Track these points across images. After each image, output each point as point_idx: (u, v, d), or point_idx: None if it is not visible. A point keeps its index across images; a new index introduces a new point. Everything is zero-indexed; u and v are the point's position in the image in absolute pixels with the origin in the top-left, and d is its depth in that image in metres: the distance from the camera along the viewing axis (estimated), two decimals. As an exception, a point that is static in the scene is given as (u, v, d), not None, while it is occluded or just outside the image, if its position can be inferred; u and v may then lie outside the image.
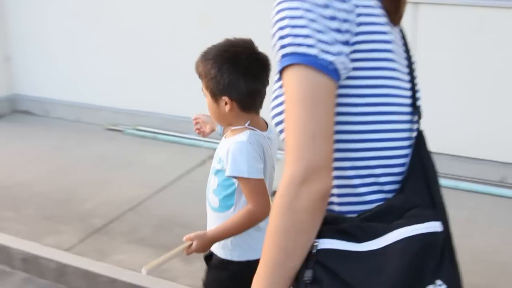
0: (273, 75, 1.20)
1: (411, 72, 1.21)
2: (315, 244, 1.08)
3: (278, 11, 1.09)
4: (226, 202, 1.96)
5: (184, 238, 1.94)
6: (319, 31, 1.06)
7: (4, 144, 4.89)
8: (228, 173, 1.88)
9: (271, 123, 1.22)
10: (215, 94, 1.87)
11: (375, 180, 1.16)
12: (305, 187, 1.04)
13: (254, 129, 1.93)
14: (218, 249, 2.02)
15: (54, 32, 5.23)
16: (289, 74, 1.07)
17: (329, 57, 1.05)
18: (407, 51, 1.23)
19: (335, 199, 1.17)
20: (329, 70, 1.06)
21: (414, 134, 1.19)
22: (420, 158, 1.17)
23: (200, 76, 1.90)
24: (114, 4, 4.92)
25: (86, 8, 5.02)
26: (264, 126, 1.99)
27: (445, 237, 1.10)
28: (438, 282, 1.06)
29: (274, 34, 1.10)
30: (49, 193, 3.93)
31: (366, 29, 1.11)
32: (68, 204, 3.78)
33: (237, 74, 1.83)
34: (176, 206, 3.72)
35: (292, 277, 1.10)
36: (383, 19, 1.15)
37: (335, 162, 1.12)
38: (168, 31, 4.72)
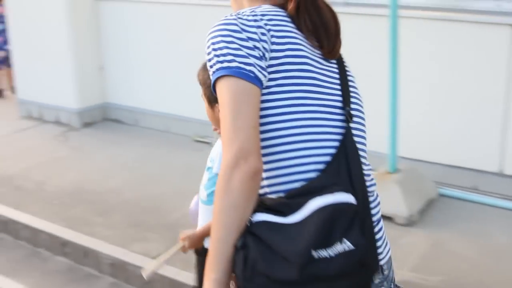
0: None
1: (342, 83, 1.50)
2: (250, 218, 1.32)
3: (207, 47, 1.40)
4: (213, 196, 1.97)
5: (179, 239, 2.18)
6: (236, 49, 1.36)
7: (95, 151, 5.06)
8: (215, 170, 2.09)
9: None
10: (211, 101, 2.05)
11: (300, 163, 1.39)
12: (236, 170, 1.29)
13: None
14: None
15: (145, 43, 5.38)
16: (219, 85, 1.36)
17: (248, 67, 1.34)
18: (341, 68, 1.52)
19: (265, 182, 1.40)
20: (250, 77, 1.34)
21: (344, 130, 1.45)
22: (344, 148, 1.42)
23: (200, 83, 2.10)
24: (205, 16, 5.00)
25: (177, 21, 5.14)
26: None
27: (358, 210, 1.32)
28: (345, 240, 1.26)
29: (207, 64, 1.41)
30: (138, 201, 4.02)
31: (280, 47, 1.40)
32: (156, 212, 3.85)
33: None
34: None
35: (233, 243, 1.31)
36: (300, 44, 1.44)
37: (263, 151, 1.38)
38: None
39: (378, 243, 1.46)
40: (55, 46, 5.55)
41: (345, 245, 1.28)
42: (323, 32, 1.49)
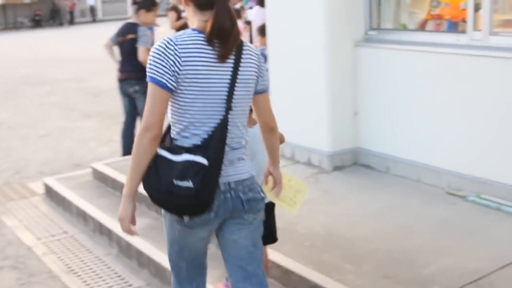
0: None
1: (231, 86, 2.65)
2: (156, 152, 2.62)
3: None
4: None
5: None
6: (157, 67, 2.58)
7: (345, 196, 5.24)
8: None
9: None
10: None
11: (189, 135, 2.65)
12: (144, 134, 2.58)
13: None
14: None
15: (401, 90, 5.46)
16: (149, 84, 2.60)
17: (160, 79, 2.57)
18: (234, 72, 2.66)
19: (177, 137, 2.68)
20: (163, 86, 2.57)
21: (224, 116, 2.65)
22: (217, 131, 2.62)
23: None
24: (467, 67, 4.96)
25: (435, 70, 5.16)
26: (254, 122, 3.15)
27: (206, 168, 2.55)
28: (190, 180, 2.52)
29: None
30: (389, 252, 4.08)
31: (188, 69, 2.58)
32: (408, 265, 3.88)
33: None
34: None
35: (142, 174, 2.62)
36: (204, 59, 2.61)
37: (174, 124, 2.68)
38: None
39: (224, 174, 2.66)
40: (312, 89, 5.88)
41: (188, 183, 2.54)
42: (223, 46, 2.62)
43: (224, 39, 2.61)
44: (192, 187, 2.53)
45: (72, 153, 8.05)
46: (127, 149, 6.97)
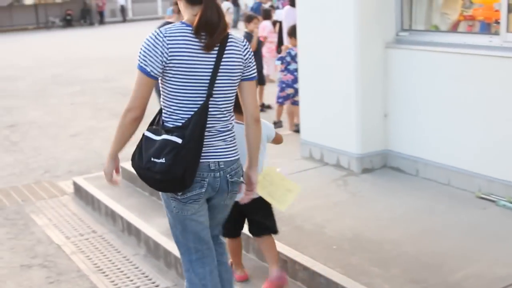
0: None
1: (213, 74, 2.97)
2: (144, 133, 3.03)
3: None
4: None
5: None
6: (145, 57, 2.92)
7: (373, 198, 5.22)
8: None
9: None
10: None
11: (177, 118, 2.98)
12: (126, 115, 3.00)
13: (239, 122, 3.36)
14: None
15: (431, 92, 5.43)
16: (136, 72, 2.96)
17: (146, 67, 2.92)
18: (217, 62, 2.97)
19: (164, 118, 3.04)
20: (147, 73, 2.93)
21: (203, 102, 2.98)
22: (196, 115, 2.94)
23: None
24: (501, 68, 4.91)
25: (467, 71, 5.11)
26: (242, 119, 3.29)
27: (179, 146, 2.88)
28: (163, 157, 2.87)
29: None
30: (418, 256, 4.06)
31: (174, 59, 2.91)
32: (436, 270, 3.86)
33: None
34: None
35: (124, 144, 3.09)
36: (190, 50, 2.93)
37: (164, 107, 3.03)
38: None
39: (206, 155, 3.01)
40: (341, 90, 5.87)
41: (162, 160, 2.89)
42: (209, 38, 2.94)
43: (211, 31, 2.94)
44: (164, 162, 2.88)
45: (101, 153, 8.12)
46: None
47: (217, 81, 2.97)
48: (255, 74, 3.18)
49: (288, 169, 5.99)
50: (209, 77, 2.96)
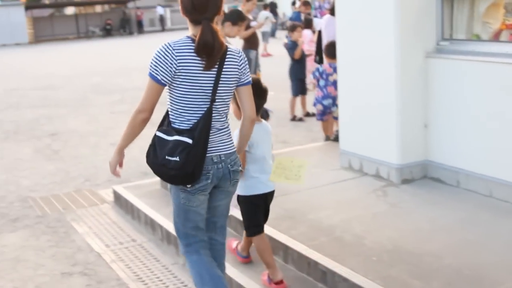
0: None
1: (215, 85, 3.47)
2: (155, 132, 3.55)
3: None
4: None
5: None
6: (156, 66, 3.42)
7: (413, 209, 5.19)
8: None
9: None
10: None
11: (183, 120, 3.48)
12: (136, 116, 3.49)
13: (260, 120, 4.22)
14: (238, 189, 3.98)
15: (473, 102, 5.38)
16: (148, 79, 3.46)
17: (156, 75, 3.42)
18: (218, 74, 3.47)
19: (173, 120, 3.53)
20: (158, 81, 3.42)
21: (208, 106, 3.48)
22: (203, 117, 3.44)
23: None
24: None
25: (509, 80, 5.08)
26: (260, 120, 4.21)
27: (191, 146, 3.39)
28: (177, 156, 3.38)
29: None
30: (459, 268, 4.02)
31: (181, 69, 3.39)
32: (478, 283, 3.82)
33: None
34: None
35: (131, 140, 3.62)
36: (194, 63, 3.41)
37: (172, 110, 3.53)
38: None
39: (211, 151, 3.49)
40: (382, 100, 5.86)
41: (176, 158, 3.37)
42: (207, 58, 3.41)
43: (209, 53, 3.41)
44: (178, 160, 3.40)
45: (141, 162, 8.19)
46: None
47: (218, 90, 3.51)
48: (250, 79, 3.68)
49: (327, 180, 6.03)
50: (211, 87, 3.48)
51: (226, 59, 3.53)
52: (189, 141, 3.39)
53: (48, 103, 14.40)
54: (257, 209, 4.25)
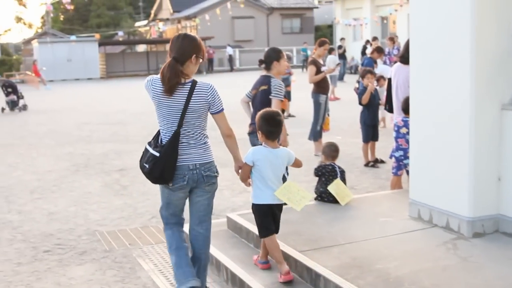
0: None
1: (183, 113, 4.73)
2: (145, 145, 5.06)
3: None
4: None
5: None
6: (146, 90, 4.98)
7: (484, 265, 5.08)
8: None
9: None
10: None
11: (162, 137, 4.84)
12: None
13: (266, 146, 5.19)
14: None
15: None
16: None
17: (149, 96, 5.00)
18: (187, 102, 4.72)
19: (161, 137, 4.90)
20: (151, 98, 5.00)
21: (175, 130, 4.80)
22: (171, 138, 4.75)
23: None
24: None
25: None
26: (276, 146, 5.21)
27: (157, 158, 4.75)
28: (147, 164, 4.83)
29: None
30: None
31: (153, 96, 4.81)
32: None
33: None
34: None
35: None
36: (161, 93, 4.76)
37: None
38: None
39: (185, 160, 4.81)
40: (454, 151, 5.81)
41: (147, 165, 4.79)
42: (167, 86, 4.69)
43: (165, 81, 4.73)
44: (148, 167, 4.81)
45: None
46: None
47: (186, 117, 4.75)
48: (221, 108, 4.89)
49: (395, 230, 5.98)
50: (179, 114, 4.74)
51: (195, 92, 4.74)
52: (157, 154, 4.76)
53: (118, 138, 14.82)
54: (264, 215, 5.20)
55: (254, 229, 6.01)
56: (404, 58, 7.61)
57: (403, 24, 37.20)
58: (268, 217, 5.19)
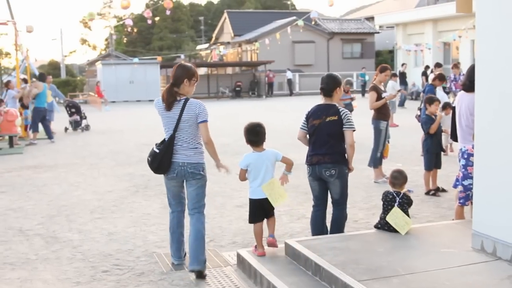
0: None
1: (177, 122, 6.45)
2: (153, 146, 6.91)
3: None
4: None
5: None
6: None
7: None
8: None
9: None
10: None
11: (165, 138, 6.66)
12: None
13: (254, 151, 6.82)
14: None
15: None
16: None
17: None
18: (181, 114, 6.46)
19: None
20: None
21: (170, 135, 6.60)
22: (169, 139, 6.55)
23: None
24: None
25: None
26: (261, 149, 6.81)
27: (157, 153, 6.59)
28: (149, 158, 6.76)
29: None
30: None
31: (158, 110, 6.65)
32: None
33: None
34: None
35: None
36: (163, 108, 6.54)
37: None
38: None
39: (177, 158, 6.55)
40: None
41: (149, 158, 6.68)
42: (166, 104, 6.49)
43: (164, 100, 6.49)
44: (149, 160, 6.62)
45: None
46: (315, 234, 7.13)
47: (180, 125, 6.42)
48: (205, 119, 6.47)
49: (457, 261, 5.85)
50: (175, 122, 6.41)
51: (186, 107, 6.40)
52: (157, 151, 6.53)
53: (177, 161, 14.94)
54: (255, 207, 6.78)
55: (313, 256, 5.99)
56: (466, 86, 7.50)
57: (466, 50, 36.70)
58: (258, 209, 6.75)
